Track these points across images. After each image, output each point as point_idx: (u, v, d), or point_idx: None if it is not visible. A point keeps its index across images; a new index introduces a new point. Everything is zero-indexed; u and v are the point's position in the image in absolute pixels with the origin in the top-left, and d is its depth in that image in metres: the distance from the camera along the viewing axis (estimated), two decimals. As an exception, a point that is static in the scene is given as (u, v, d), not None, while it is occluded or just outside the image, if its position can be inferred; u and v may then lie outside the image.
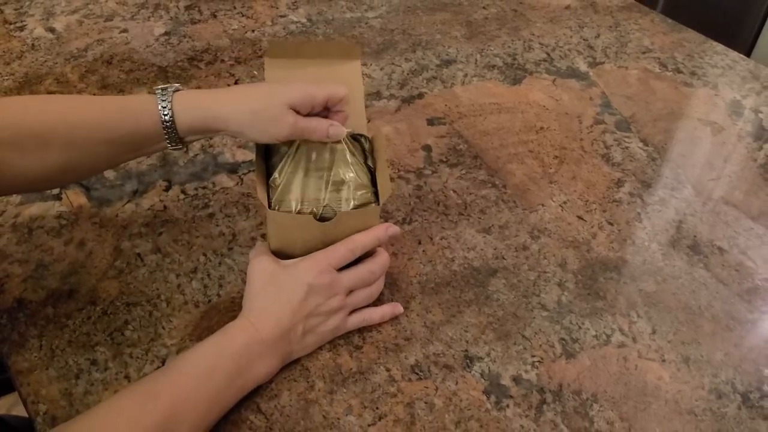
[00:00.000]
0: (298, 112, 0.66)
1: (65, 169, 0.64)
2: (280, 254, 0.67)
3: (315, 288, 0.63)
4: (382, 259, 0.68)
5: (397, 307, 0.69)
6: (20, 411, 1.29)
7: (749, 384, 0.66)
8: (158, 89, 0.65)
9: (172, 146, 0.67)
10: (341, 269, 0.66)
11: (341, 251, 0.65)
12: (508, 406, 0.62)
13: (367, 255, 0.68)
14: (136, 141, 0.66)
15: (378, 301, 0.70)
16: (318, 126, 0.66)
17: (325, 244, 0.66)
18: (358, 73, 0.74)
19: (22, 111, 0.63)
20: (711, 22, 1.83)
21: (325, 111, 0.69)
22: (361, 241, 0.66)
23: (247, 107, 0.66)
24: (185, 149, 0.69)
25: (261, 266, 0.65)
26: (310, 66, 0.72)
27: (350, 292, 0.66)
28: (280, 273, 0.64)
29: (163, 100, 0.64)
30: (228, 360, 0.58)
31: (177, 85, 0.67)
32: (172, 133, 0.65)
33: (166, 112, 0.64)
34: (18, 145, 0.61)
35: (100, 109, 0.65)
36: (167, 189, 0.83)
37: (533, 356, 0.67)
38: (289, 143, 0.68)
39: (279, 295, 0.63)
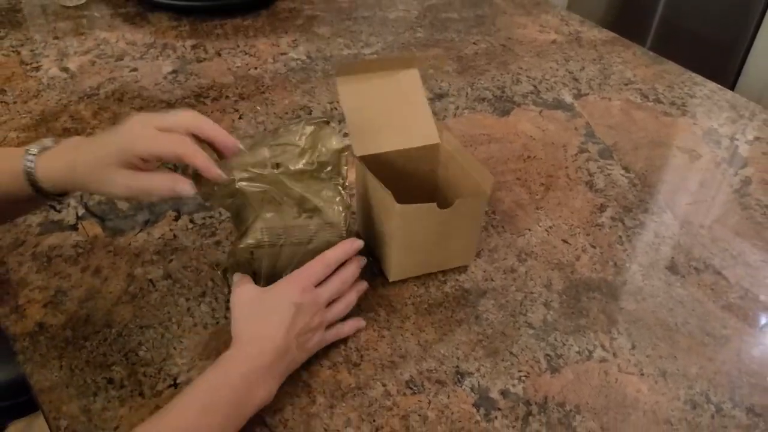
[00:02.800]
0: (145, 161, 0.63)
1: None
2: (404, 247, 0.77)
3: (302, 307, 0.66)
4: (352, 267, 0.73)
5: (360, 322, 0.75)
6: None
7: (722, 395, 0.70)
8: (28, 152, 0.65)
9: (49, 204, 0.69)
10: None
11: (317, 267, 0.70)
12: (496, 417, 0.67)
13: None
14: (12, 203, 0.69)
15: (374, 321, 0.75)
16: (160, 183, 0.64)
17: (444, 228, 0.76)
18: (417, 79, 0.84)
19: None
20: (699, 57, 1.90)
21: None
22: (333, 256, 0.71)
23: (86, 171, 0.64)
24: (65, 203, 0.71)
25: (244, 294, 0.69)
26: (375, 78, 0.82)
27: (328, 305, 0.71)
28: (265, 296, 0.68)
29: (28, 166, 0.65)
30: (227, 393, 0.60)
31: (47, 142, 0.67)
32: (44, 195, 0.67)
33: (33, 178, 0.65)
34: None
35: None
36: (177, 219, 0.88)
37: (520, 371, 0.72)
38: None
39: (269, 318, 0.66)
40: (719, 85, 1.26)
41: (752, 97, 1.23)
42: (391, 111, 0.82)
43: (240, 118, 1.09)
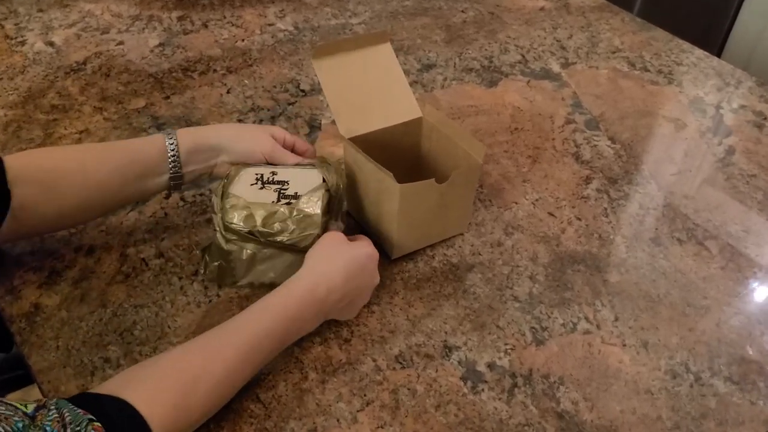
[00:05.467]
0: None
1: (80, 208, 0.75)
2: (405, 225, 0.78)
3: (366, 274, 0.72)
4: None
5: None
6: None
7: (701, 364, 0.73)
8: (163, 132, 0.78)
9: (172, 173, 0.77)
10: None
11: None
12: (483, 390, 0.69)
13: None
14: (142, 169, 0.76)
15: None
16: (291, 157, 0.81)
17: (442, 201, 0.78)
18: (391, 53, 0.86)
19: (45, 154, 0.78)
20: (686, 23, 1.89)
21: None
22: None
23: (236, 131, 0.82)
24: (181, 186, 0.80)
25: (333, 237, 0.72)
26: (350, 57, 0.83)
27: None
28: (346, 247, 0.71)
29: (170, 138, 0.77)
30: (282, 321, 0.65)
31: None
32: (177, 165, 0.77)
33: (171, 140, 0.77)
34: (39, 184, 0.71)
35: (112, 144, 0.83)
36: (167, 197, 0.89)
37: (506, 344, 0.74)
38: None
39: (339, 263, 0.70)
40: (706, 52, 1.26)
41: (740, 61, 1.24)
42: (371, 89, 0.83)
43: (228, 92, 1.09)
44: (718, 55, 1.83)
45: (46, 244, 0.82)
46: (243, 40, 1.23)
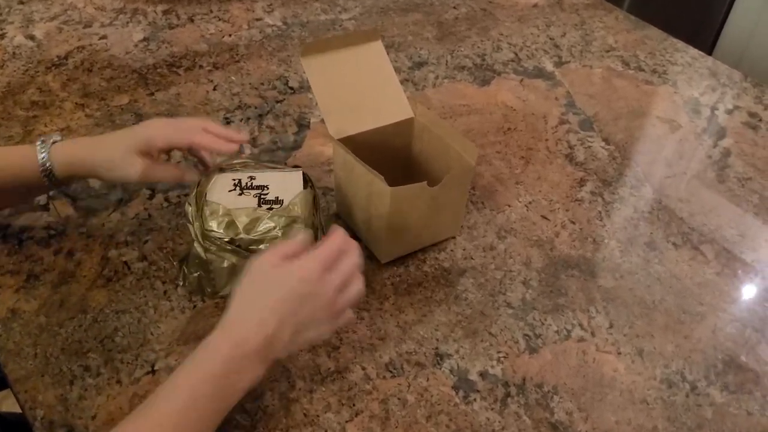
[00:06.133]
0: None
1: None
2: (396, 228, 0.75)
3: (310, 296, 0.59)
4: (355, 252, 0.63)
5: (353, 317, 0.65)
6: (8, 407, 1.32)
7: (697, 373, 0.71)
8: (39, 141, 0.73)
9: (54, 189, 0.77)
10: None
11: (330, 252, 0.61)
12: (475, 400, 0.67)
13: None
14: (21, 189, 0.75)
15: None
16: (170, 172, 0.76)
17: (434, 204, 0.75)
18: (382, 51, 0.84)
19: None
20: (676, 20, 1.88)
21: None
22: (341, 238, 0.62)
23: (105, 156, 0.73)
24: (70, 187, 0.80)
25: (263, 264, 0.60)
26: (340, 55, 0.81)
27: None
28: (277, 273, 0.60)
29: (42, 152, 0.72)
30: (209, 386, 0.56)
31: (56, 136, 0.74)
32: (53, 179, 0.73)
33: (45, 164, 0.72)
34: None
35: None
36: (151, 197, 0.86)
37: (499, 352, 0.72)
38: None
39: (269, 299, 0.59)
40: (701, 52, 1.25)
41: (732, 59, 1.23)
42: (362, 88, 0.81)
43: (214, 89, 1.07)
44: (710, 52, 1.82)
45: (24, 246, 0.79)
46: (230, 35, 1.21)
